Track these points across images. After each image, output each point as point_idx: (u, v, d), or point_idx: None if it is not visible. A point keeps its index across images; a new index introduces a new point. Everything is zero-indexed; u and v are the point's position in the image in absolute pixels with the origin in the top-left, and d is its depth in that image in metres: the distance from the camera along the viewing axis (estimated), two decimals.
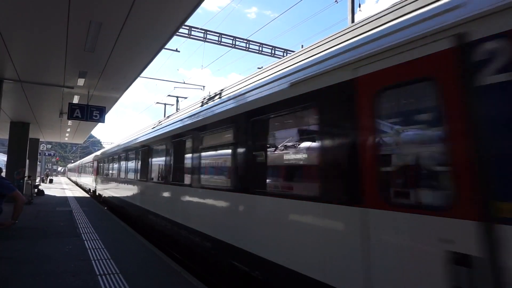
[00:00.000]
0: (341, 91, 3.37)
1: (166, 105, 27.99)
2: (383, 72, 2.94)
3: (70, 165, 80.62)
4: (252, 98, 4.90)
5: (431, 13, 2.69)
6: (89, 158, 31.23)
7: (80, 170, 40.22)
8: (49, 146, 45.71)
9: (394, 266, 2.71)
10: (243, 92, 5.36)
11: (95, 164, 23.96)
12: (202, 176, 6.60)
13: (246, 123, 4.97)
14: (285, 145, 4.72)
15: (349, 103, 3.23)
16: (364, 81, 3.11)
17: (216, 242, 5.57)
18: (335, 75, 3.46)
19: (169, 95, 25.81)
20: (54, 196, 22.81)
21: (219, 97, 6.42)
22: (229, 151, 5.43)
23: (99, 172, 22.17)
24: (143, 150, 11.11)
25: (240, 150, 5.08)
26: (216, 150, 6.35)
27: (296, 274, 3.71)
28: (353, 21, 10.67)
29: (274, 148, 4.90)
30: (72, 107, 12.65)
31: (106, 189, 18.71)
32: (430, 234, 2.49)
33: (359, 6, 11.51)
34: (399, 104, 3.12)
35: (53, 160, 74.79)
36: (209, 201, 6.20)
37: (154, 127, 10.97)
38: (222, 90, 6.68)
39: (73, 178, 53.36)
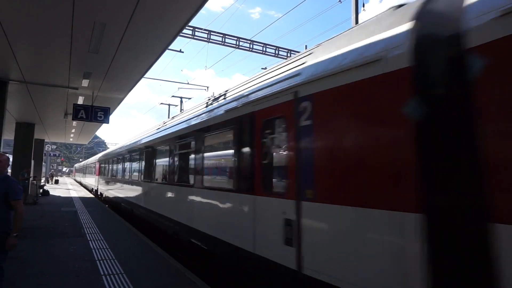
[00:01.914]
0: None
1: (170, 106, 28.07)
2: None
3: (78, 164, 62.50)
4: None
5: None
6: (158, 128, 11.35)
7: (110, 170, 19.52)
8: (54, 146, 46.00)
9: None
10: None
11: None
12: None
13: None
14: None
15: None
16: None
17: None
18: None
19: (173, 96, 25.87)
20: (59, 197, 22.94)
21: None
22: None
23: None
24: None
25: None
26: None
27: None
28: (357, 21, 10.63)
29: None
30: (77, 108, 12.72)
31: None
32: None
33: (363, 6, 11.47)
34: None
35: (58, 160, 75.31)
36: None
37: None
38: None
39: (84, 181, 38.87)
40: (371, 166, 3.16)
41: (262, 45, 18.31)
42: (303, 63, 4.31)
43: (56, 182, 41.94)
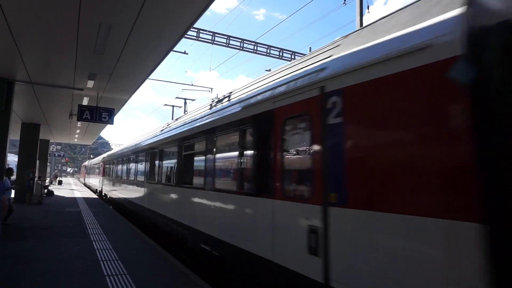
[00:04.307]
0: None
1: (174, 107, 28.14)
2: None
3: (92, 161, 42.44)
4: None
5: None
6: None
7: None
8: (59, 147, 46.20)
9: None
10: None
11: None
12: None
13: None
14: None
15: None
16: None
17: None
18: None
19: (177, 97, 25.94)
20: (63, 197, 23.06)
21: None
22: None
23: None
24: None
25: None
26: None
27: None
28: (361, 23, 10.61)
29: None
30: (82, 109, 12.80)
31: None
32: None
33: (368, 8, 11.48)
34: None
35: (63, 161, 75.63)
36: None
37: None
38: None
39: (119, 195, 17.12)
40: (422, 169, 2.71)
41: (266, 47, 18.33)
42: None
43: (60, 183, 41.82)
